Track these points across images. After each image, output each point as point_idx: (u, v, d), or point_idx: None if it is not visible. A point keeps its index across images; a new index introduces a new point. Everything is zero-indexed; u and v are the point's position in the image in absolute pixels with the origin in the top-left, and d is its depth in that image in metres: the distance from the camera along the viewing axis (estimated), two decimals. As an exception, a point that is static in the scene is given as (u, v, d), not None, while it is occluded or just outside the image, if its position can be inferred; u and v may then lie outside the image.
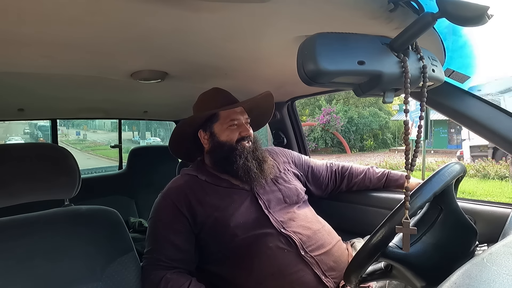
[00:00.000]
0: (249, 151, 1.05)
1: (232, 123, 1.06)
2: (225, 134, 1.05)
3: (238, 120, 1.07)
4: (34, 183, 0.85)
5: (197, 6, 0.61)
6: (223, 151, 1.05)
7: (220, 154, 1.05)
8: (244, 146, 1.05)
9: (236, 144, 1.05)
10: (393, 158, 11.02)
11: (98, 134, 18.49)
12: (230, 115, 1.06)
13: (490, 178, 7.23)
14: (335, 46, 0.49)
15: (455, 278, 0.40)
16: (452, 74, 0.84)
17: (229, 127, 1.06)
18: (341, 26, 0.69)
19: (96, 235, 0.87)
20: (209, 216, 0.98)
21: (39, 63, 0.93)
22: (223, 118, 1.06)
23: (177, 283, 0.90)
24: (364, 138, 15.79)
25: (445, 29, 0.74)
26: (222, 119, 1.06)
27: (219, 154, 1.05)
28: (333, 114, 14.62)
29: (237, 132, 1.06)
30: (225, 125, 1.06)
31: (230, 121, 1.06)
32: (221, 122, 1.06)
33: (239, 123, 1.07)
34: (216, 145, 1.06)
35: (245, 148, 1.04)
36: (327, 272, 0.94)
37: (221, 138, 1.06)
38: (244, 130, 1.06)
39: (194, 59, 0.96)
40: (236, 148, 1.04)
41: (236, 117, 1.06)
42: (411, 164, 0.57)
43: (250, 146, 1.06)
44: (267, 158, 1.09)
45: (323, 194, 1.29)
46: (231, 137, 1.05)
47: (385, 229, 0.64)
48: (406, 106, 0.55)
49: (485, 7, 0.49)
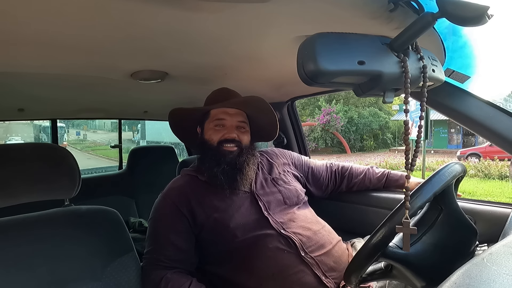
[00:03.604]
0: (227, 155, 1.01)
1: (218, 123, 1.04)
2: (209, 133, 1.05)
3: (225, 121, 1.04)
4: (34, 183, 0.84)
5: (197, 6, 0.61)
6: (203, 149, 1.05)
7: (204, 152, 1.06)
8: (225, 149, 1.01)
9: (217, 146, 1.02)
10: (393, 158, 11.03)
11: (98, 134, 18.49)
12: (218, 114, 1.04)
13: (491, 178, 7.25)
14: (335, 46, 0.49)
15: (455, 278, 0.40)
16: (452, 74, 0.83)
17: (215, 127, 1.04)
18: (341, 26, 0.69)
19: (96, 235, 0.87)
20: (209, 216, 0.98)
21: (39, 63, 0.93)
22: (212, 117, 1.06)
23: (177, 283, 0.90)
24: (364, 138, 15.80)
25: (445, 29, 0.74)
26: (211, 117, 1.06)
27: (203, 152, 1.06)
28: (333, 114, 14.63)
29: (220, 134, 1.03)
30: (212, 124, 1.05)
31: (216, 120, 1.04)
32: (209, 120, 1.06)
33: (225, 124, 1.04)
34: (201, 142, 1.07)
35: (224, 152, 1.01)
36: (327, 273, 0.93)
37: (205, 136, 1.06)
38: (228, 132, 1.03)
39: (194, 59, 0.96)
40: (216, 149, 1.02)
41: (223, 117, 1.04)
42: (411, 164, 0.57)
43: (233, 151, 1.02)
44: (247, 169, 1.03)
45: (323, 194, 1.29)
46: (212, 136, 1.04)
47: (385, 229, 0.63)
48: (406, 106, 0.55)
49: (485, 7, 0.49)
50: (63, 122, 12.56)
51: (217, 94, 1.11)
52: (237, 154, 1.02)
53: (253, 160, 1.07)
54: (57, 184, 0.88)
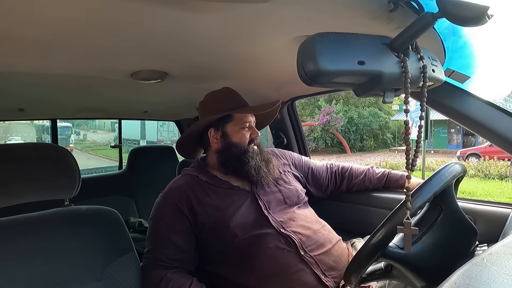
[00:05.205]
0: (258, 152, 1.07)
1: (245, 125, 1.07)
2: (238, 135, 1.06)
3: (249, 123, 1.09)
4: (34, 183, 0.84)
5: (197, 6, 0.61)
6: (234, 152, 1.05)
7: (232, 155, 1.05)
8: (254, 148, 1.07)
9: (248, 146, 1.06)
10: (393, 158, 11.03)
11: (98, 134, 18.50)
12: (244, 117, 1.08)
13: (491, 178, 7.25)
14: (335, 46, 0.49)
15: (455, 278, 0.40)
16: (452, 74, 0.84)
17: (242, 129, 1.07)
18: (341, 26, 0.69)
19: (96, 235, 0.87)
20: (209, 216, 0.98)
21: (39, 63, 0.93)
22: (238, 119, 1.07)
23: (178, 283, 0.90)
24: (364, 138, 15.79)
25: (445, 30, 0.74)
26: (236, 120, 1.07)
27: (231, 154, 1.05)
28: (333, 114, 14.63)
29: (248, 134, 1.08)
30: (238, 126, 1.07)
31: (244, 123, 1.07)
32: (234, 123, 1.07)
33: (250, 126, 1.09)
34: (228, 146, 1.06)
35: (254, 150, 1.07)
36: (327, 272, 0.94)
37: (234, 139, 1.06)
38: (254, 132, 1.09)
39: (194, 59, 0.96)
40: (248, 150, 1.06)
41: (248, 120, 1.08)
42: (412, 164, 0.57)
43: (257, 148, 1.08)
44: (271, 158, 1.11)
45: (323, 195, 1.29)
46: (243, 139, 1.07)
47: (385, 229, 0.64)
48: (406, 106, 0.55)
49: (485, 7, 0.49)
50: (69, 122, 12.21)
51: (226, 94, 1.11)
52: (260, 150, 1.09)
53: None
54: (57, 184, 0.88)
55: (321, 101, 15.00)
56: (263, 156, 1.08)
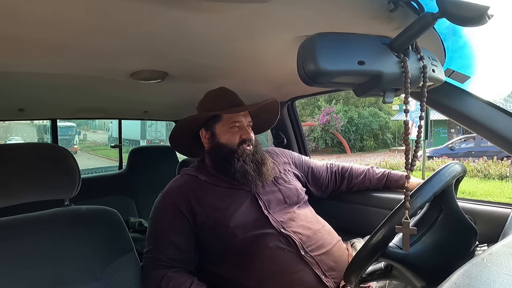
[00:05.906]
0: (249, 154, 1.04)
1: (233, 125, 1.06)
2: (226, 136, 1.05)
3: (240, 123, 1.06)
4: (34, 183, 0.84)
5: (197, 6, 0.61)
6: (222, 152, 1.04)
7: (219, 156, 1.05)
8: (245, 149, 1.05)
9: (237, 147, 1.04)
10: (393, 158, 11.02)
11: (98, 134, 18.51)
12: (232, 117, 1.06)
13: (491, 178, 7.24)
14: (335, 46, 0.49)
15: (455, 278, 0.40)
16: (452, 74, 0.83)
17: (231, 129, 1.05)
18: (341, 26, 0.69)
19: (96, 235, 0.87)
20: (209, 216, 0.98)
21: (39, 63, 0.93)
22: (225, 119, 1.06)
23: (178, 282, 0.90)
24: (364, 138, 15.79)
25: (445, 30, 0.74)
26: (224, 120, 1.06)
27: (218, 155, 1.05)
28: (333, 114, 14.62)
29: (238, 135, 1.05)
30: (227, 127, 1.06)
31: (232, 123, 1.05)
32: (223, 123, 1.06)
33: (240, 126, 1.06)
34: (216, 146, 1.06)
35: (245, 151, 1.04)
36: (327, 272, 0.94)
37: (221, 139, 1.06)
38: (245, 133, 1.06)
39: (194, 59, 0.96)
40: (236, 151, 1.03)
41: (238, 119, 1.06)
42: (411, 164, 0.57)
43: (250, 150, 1.06)
44: (266, 161, 1.08)
45: (323, 194, 1.29)
46: (231, 139, 1.05)
47: (385, 229, 0.63)
48: (406, 106, 0.55)
49: (485, 7, 0.49)
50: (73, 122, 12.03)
51: (220, 95, 1.11)
52: (254, 151, 1.06)
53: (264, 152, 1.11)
54: (57, 184, 0.88)
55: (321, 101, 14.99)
56: (256, 158, 1.05)
